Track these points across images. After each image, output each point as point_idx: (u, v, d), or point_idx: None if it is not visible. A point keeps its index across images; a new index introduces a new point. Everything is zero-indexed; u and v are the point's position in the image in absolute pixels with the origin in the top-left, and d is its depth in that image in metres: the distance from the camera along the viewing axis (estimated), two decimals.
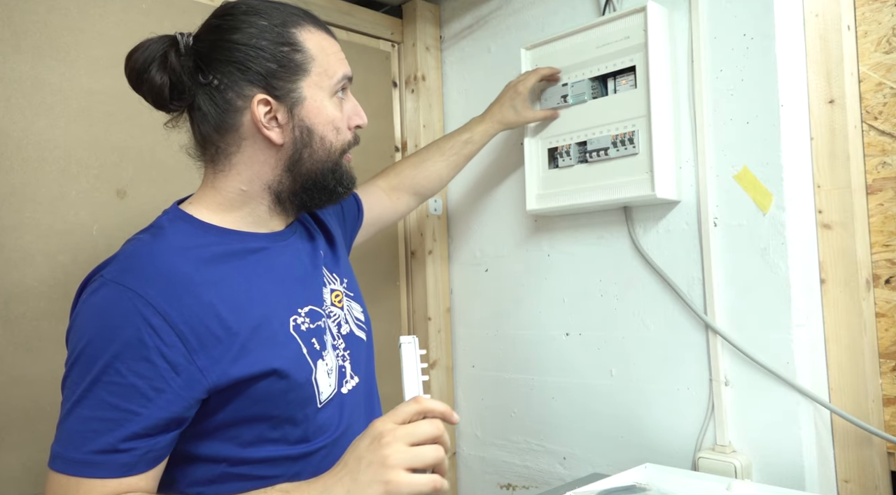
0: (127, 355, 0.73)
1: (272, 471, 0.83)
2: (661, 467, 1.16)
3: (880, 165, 1.16)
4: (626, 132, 1.24)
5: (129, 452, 0.73)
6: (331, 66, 0.88)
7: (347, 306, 0.98)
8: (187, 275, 0.79)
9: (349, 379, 0.93)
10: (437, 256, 1.69)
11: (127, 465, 0.73)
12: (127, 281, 0.76)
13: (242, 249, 0.87)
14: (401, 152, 1.74)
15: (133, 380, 0.73)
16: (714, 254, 1.21)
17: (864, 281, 1.15)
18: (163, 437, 0.75)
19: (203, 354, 0.76)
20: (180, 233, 0.84)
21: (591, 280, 1.41)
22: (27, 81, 1.15)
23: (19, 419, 1.10)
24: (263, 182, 0.88)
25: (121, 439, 0.72)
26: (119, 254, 0.81)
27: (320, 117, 0.87)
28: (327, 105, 0.88)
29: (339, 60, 0.90)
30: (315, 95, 0.86)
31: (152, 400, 0.73)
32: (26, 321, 1.12)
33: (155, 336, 0.74)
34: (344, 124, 0.90)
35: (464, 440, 1.69)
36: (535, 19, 1.52)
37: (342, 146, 0.90)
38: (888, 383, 1.15)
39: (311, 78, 0.86)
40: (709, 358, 1.22)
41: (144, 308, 0.74)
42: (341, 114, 0.90)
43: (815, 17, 1.18)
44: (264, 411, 0.82)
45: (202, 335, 0.77)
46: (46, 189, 1.16)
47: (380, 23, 1.69)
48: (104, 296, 0.76)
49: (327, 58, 0.88)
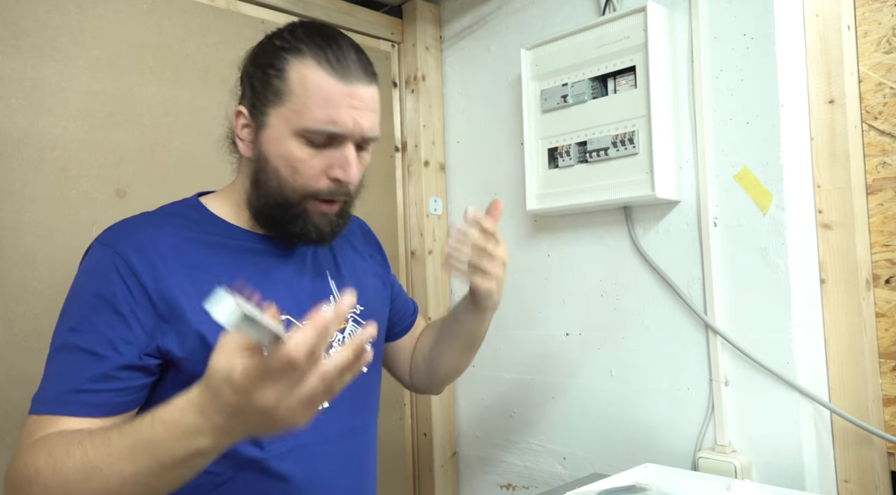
0: (101, 307, 0.79)
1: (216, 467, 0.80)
2: (661, 467, 1.16)
3: (880, 165, 1.16)
4: (626, 132, 1.24)
5: (96, 393, 0.77)
6: (308, 108, 0.82)
7: (350, 331, 0.97)
8: (169, 249, 0.84)
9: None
10: (437, 256, 1.69)
11: (93, 405, 0.77)
12: (112, 242, 0.83)
13: (239, 246, 0.89)
14: (401, 152, 1.74)
15: (103, 329, 0.79)
16: (714, 254, 1.21)
17: (864, 281, 1.15)
18: (128, 382, 0.79)
19: (167, 322, 0.81)
20: (184, 217, 0.89)
21: (591, 280, 1.41)
22: (27, 81, 1.15)
23: (19, 419, 1.10)
24: (245, 188, 0.91)
25: (89, 379, 0.77)
26: (117, 223, 0.88)
27: (276, 149, 0.84)
28: (287, 142, 0.84)
29: (325, 107, 0.82)
30: (278, 127, 0.84)
31: (117, 347, 0.78)
32: (26, 321, 1.12)
33: (128, 293, 0.80)
34: (312, 170, 0.84)
35: (464, 440, 1.69)
36: (535, 19, 1.52)
37: (302, 190, 0.85)
38: (888, 383, 1.15)
39: (282, 110, 0.83)
40: (709, 358, 1.22)
41: (122, 267, 0.80)
42: (307, 157, 0.84)
43: (815, 17, 1.18)
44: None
45: (169, 305, 0.81)
46: (46, 189, 1.16)
47: (380, 23, 1.69)
48: (91, 255, 0.84)
49: (307, 96, 0.82)
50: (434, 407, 1.66)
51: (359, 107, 0.84)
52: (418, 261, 1.70)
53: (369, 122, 0.85)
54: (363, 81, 0.85)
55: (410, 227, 1.72)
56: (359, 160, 0.87)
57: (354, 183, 0.87)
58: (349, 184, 0.86)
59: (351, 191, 0.89)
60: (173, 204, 0.92)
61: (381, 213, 1.68)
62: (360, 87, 0.84)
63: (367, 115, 0.85)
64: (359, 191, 0.92)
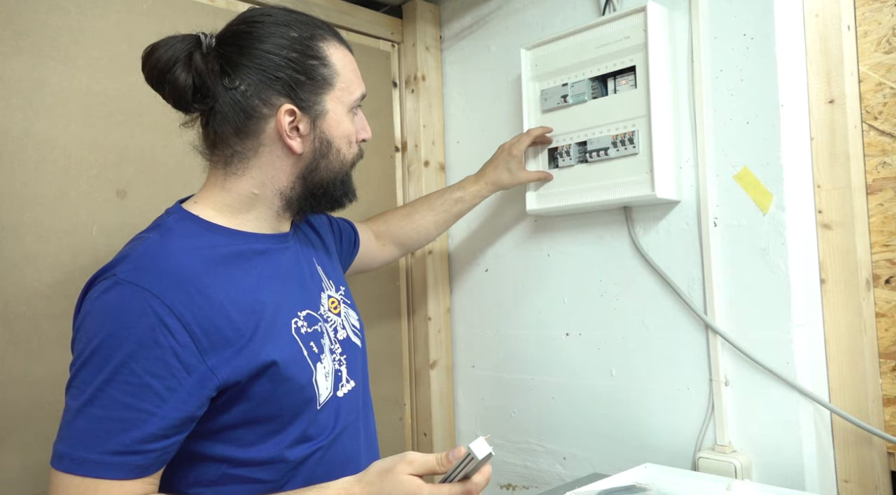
0: (141, 354, 0.73)
1: (271, 475, 0.84)
2: (661, 467, 1.16)
3: (880, 165, 1.16)
4: (626, 132, 1.24)
5: (144, 454, 0.73)
6: (352, 84, 0.92)
7: (344, 313, 1.01)
8: (198, 275, 0.80)
9: (345, 383, 0.94)
10: (436, 256, 1.69)
11: (141, 467, 0.73)
12: (141, 280, 0.76)
13: (248, 250, 0.89)
14: (401, 152, 1.74)
15: (148, 380, 0.73)
16: (714, 254, 1.21)
17: (864, 281, 1.15)
18: (177, 438, 0.76)
19: (213, 354, 0.77)
20: (188, 233, 0.85)
21: (591, 280, 1.41)
22: (27, 81, 1.15)
23: (19, 419, 1.10)
24: (276, 187, 0.90)
25: (137, 440, 0.73)
26: (130, 254, 0.80)
27: (339, 130, 0.91)
28: (345, 119, 0.91)
29: (358, 78, 0.94)
30: (336, 109, 0.90)
31: (166, 401, 0.74)
32: (26, 321, 1.12)
33: (169, 336, 0.75)
34: (355, 138, 0.94)
35: (464, 440, 1.68)
36: (535, 19, 1.52)
37: (353, 159, 0.95)
38: (888, 383, 1.15)
39: (335, 92, 0.89)
40: (709, 358, 1.22)
41: (159, 308, 0.75)
42: (354, 128, 0.93)
43: (815, 17, 1.18)
44: (269, 412, 0.83)
45: (213, 336, 0.78)
46: (46, 189, 1.16)
47: (380, 23, 1.69)
48: (118, 294, 0.76)
49: (349, 75, 0.91)
50: (434, 407, 1.66)
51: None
52: (418, 261, 1.70)
53: None
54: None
55: None
56: None
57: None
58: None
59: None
60: (168, 219, 0.87)
61: None
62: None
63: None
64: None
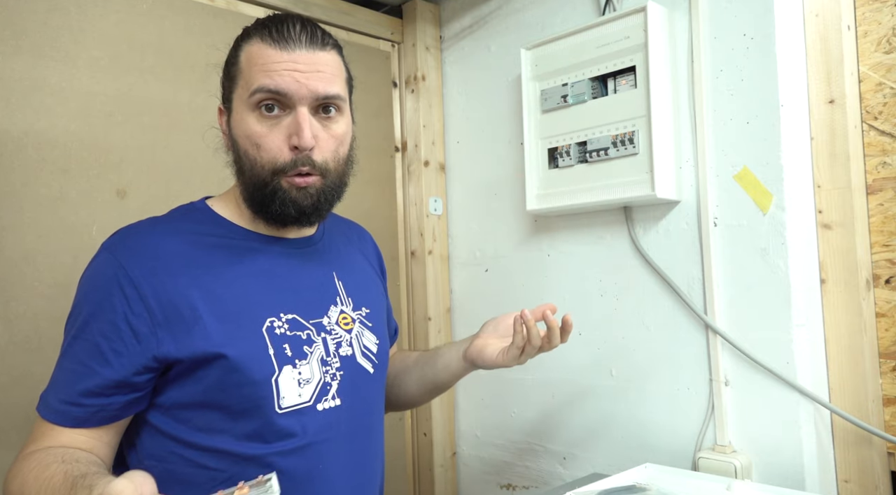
0: (99, 316, 0.81)
1: (218, 464, 0.84)
2: (661, 467, 1.16)
3: (880, 165, 1.16)
4: (626, 132, 1.24)
5: (82, 406, 0.80)
6: (251, 78, 0.84)
7: (357, 332, 0.97)
8: (173, 255, 0.84)
9: (330, 399, 0.91)
10: (437, 256, 1.69)
11: (79, 419, 0.80)
12: (116, 251, 0.84)
13: (243, 246, 0.90)
14: (401, 152, 1.74)
15: (98, 340, 0.80)
16: (714, 254, 1.21)
17: (864, 281, 1.15)
18: (114, 399, 0.81)
19: (165, 328, 0.81)
20: (188, 220, 0.90)
21: (591, 280, 1.41)
22: (27, 81, 1.15)
23: (20, 419, 1.10)
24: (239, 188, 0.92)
25: (79, 393, 0.80)
26: (125, 228, 0.88)
27: (239, 130, 0.86)
28: (246, 118, 0.85)
29: (265, 72, 0.83)
30: (238, 108, 0.87)
31: (109, 362, 0.80)
32: (26, 321, 1.12)
33: (125, 302, 0.81)
34: (273, 142, 0.84)
35: (464, 440, 1.69)
36: (535, 19, 1.52)
37: (271, 166, 0.84)
38: (888, 383, 1.15)
39: (238, 90, 0.87)
40: (709, 358, 1.22)
41: (123, 277, 0.81)
42: (266, 130, 0.84)
43: (815, 17, 1.18)
44: (216, 399, 0.84)
45: (168, 312, 0.82)
46: (46, 189, 1.16)
47: (380, 23, 1.69)
48: (97, 261, 0.85)
49: (251, 69, 0.84)
50: (434, 407, 1.66)
51: (303, 70, 0.83)
52: (418, 261, 1.70)
53: (320, 82, 0.84)
54: (307, 48, 0.84)
55: (410, 227, 1.72)
56: (325, 128, 0.87)
57: (310, 147, 0.84)
58: (306, 148, 0.84)
59: (317, 162, 0.86)
60: (180, 207, 0.93)
61: (381, 213, 1.69)
62: (303, 53, 0.84)
63: (315, 77, 0.84)
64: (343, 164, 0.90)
